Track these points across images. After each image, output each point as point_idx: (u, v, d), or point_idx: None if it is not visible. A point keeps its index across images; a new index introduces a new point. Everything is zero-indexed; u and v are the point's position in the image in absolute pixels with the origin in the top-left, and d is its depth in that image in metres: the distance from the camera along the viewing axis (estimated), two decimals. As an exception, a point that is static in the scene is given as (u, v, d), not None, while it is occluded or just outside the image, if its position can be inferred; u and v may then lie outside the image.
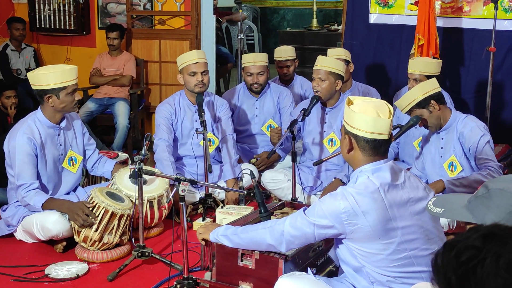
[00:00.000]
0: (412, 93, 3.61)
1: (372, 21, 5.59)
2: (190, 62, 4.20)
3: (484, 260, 1.19)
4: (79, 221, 3.33)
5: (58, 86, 3.47)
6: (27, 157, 3.48)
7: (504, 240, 1.22)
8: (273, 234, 2.46)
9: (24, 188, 3.45)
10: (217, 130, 4.43)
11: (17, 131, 3.52)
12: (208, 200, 4.09)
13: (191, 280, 2.92)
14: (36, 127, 3.55)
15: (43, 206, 3.44)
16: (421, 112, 3.58)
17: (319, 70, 4.12)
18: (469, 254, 1.21)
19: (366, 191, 2.25)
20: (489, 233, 1.25)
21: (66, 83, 3.49)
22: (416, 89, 3.61)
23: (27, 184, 3.46)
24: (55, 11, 6.55)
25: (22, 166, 3.47)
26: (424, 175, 3.91)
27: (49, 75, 3.47)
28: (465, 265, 1.20)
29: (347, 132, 2.37)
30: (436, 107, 3.56)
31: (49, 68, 3.61)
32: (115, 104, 5.83)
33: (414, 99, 3.57)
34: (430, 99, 3.55)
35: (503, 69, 5.07)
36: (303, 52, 7.67)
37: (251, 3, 10.36)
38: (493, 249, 1.20)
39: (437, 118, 3.61)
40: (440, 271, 1.25)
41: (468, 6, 5.16)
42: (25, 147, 3.47)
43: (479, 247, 1.21)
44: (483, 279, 1.18)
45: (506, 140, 5.01)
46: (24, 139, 3.47)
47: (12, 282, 3.17)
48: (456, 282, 1.21)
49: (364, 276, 2.34)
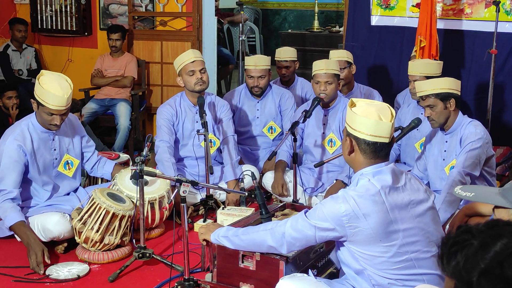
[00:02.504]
0: (438, 81, 3.59)
1: (373, 23, 5.59)
2: (187, 62, 4.21)
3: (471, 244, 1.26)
4: (30, 262, 3.25)
5: (39, 101, 3.43)
6: (13, 164, 3.45)
7: (500, 233, 1.26)
8: (274, 236, 2.46)
9: (2, 194, 3.42)
10: (218, 131, 4.43)
11: (9, 136, 3.51)
12: (209, 201, 4.09)
13: (192, 281, 2.92)
14: (28, 132, 3.53)
15: (11, 227, 3.37)
16: (436, 103, 3.55)
17: (326, 74, 4.12)
18: (463, 237, 1.29)
19: (367, 194, 2.25)
20: (492, 224, 1.29)
21: (47, 104, 3.40)
22: (444, 80, 3.60)
23: (6, 191, 3.42)
24: (57, 12, 6.56)
25: (5, 171, 3.45)
26: (426, 176, 3.91)
27: (42, 88, 3.40)
28: (456, 245, 1.28)
29: (349, 134, 2.37)
30: (452, 106, 3.56)
31: (49, 82, 3.46)
32: (117, 105, 5.83)
33: (439, 88, 3.55)
34: (452, 96, 3.55)
35: (505, 72, 5.06)
36: (304, 54, 7.66)
37: (252, 5, 10.37)
38: (483, 237, 1.26)
39: (446, 117, 3.60)
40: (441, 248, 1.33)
41: (470, 8, 5.16)
42: (13, 154, 3.45)
43: (473, 233, 1.28)
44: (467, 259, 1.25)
45: (507, 142, 5.01)
46: (14, 145, 3.45)
47: (13, 283, 3.17)
48: (446, 260, 1.30)
49: (366, 279, 2.34)
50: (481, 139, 3.52)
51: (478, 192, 1.85)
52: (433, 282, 2.31)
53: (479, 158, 3.51)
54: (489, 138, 3.61)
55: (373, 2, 5.55)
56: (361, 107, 2.36)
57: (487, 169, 3.64)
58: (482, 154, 3.53)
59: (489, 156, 3.62)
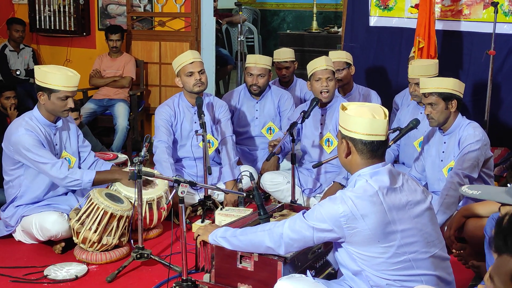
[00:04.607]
0: (443, 81, 3.60)
1: (372, 23, 5.59)
2: (186, 63, 4.21)
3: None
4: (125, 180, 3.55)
5: (51, 87, 3.45)
6: (36, 146, 3.45)
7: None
8: (272, 237, 2.46)
9: (58, 168, 3.46)
10: (216, 131, 4.43)
11: (17, 127, 3.50)
12: (207, 202, 4.09)
13: (189, 281, 2.92)
14: (34, 124, 3.53)
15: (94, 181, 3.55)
16: (438, 102, 3.56)
17: (326, 70, 4.13)
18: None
19: (365, 195, 2.25)
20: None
21: (61, 87, 3.45)
22: (449, 80, 3.61)
23: (58, 163, 3.47)
24: (55, 12, 6.55)
25: (37, 152, 3.45)
26: (424, 177, 3.91)
27: (49, 74, 3.46)
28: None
29: (344, 136, 2.37)
30: (453, 107, 3.57)
31: (53, 68, 3.58)
32: (115, 106, 5.83)
33: (443, 87, 3.56)
34: (454, 98, 3.56)
35: (503, 73, 5.07)
36: (303, 55, 7.67)
37: (251, 5, 10.37)
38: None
39: (446, 117, 3.60)
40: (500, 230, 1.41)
41: (468, 9, 5.17)
42: (30, 139, 3.44)
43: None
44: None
45: (505, 143, 5.01)
46: (27, 132, 3.45)
47: (11, 283, 3.16)
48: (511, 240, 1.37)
49: (364, 280, 2.34)
50: (479, 141, 3.52)
51: (484, 191, 1.90)
52: (431, 283, 2.31)
53: (477, 160, 3.51)
54: (487, 140, 3.61)
55: (371, 3, 5.56)
56: (353, 109, 2.37)
57: (485, 171, 3.64)
58: (481, 156, 3.53)
59: (488, 158, 3.63)
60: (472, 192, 1.91)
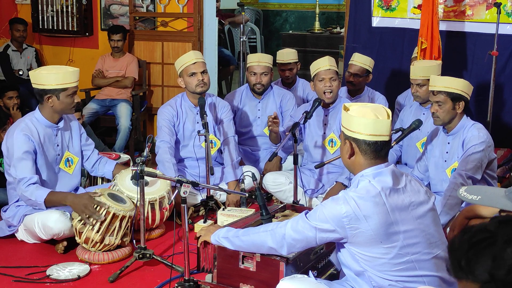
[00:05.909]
0: (453, 81, 3.59)
1: (374, 24, 5.59)
2: (189, 63, 4.21)
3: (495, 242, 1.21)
4: (86, 213, 3.30)
5: (59, 87, 3.47)
6: (25, 154, 3.46)
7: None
8: (274, 237, 2.46)
9: (24, 182, 3.43)
10: (219, 132, 4.43)
11: (15, 129, 3.52)
12: (209, 202, 4.09)
13: (192, 282, 2.92)
14: (34, 126, 3.55)
15: (46, 201, 3.41)
16: (446, 101, 3.55)
17: (330, 70, 4.13)
18: (481, 236, 1.24)
19: (367, 195, 2.24)
20: (506, 219, 1.27)
21: (67, 84, 3.49)
22: (459, 81, 3.60)
23: (26, 178, 3.43)
24: (58, 12, 6.56)
25: (20, 161, 3.46)
26: (426, 177, 3.90)
27: (51, 76, 3.47)
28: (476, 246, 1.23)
29: (347, 137, 2.37)
30: (460, 109, 3.57)
31: (51, 69, 3.61)
32: (117, 106, 5.83)
33: (453, 87, 3.55)
34: (462, 99, 3.56)
35: (505, 73, 5.06)
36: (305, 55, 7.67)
37: (253, 6, 10.37)
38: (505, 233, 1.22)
39: (451, 117, 3.60)
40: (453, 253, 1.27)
41: (471, 10, 5.16)
42: (23, 144, 3.46)
43: (491, 231, 1.23)
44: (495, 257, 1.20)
45: (508, 144, 5.01)
46: (22, 136, 3.47)
47: (13, 283, 3.17)
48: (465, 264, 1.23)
49: (366, 280, 2.33)
50: (484, 142, 3.51)
51: (483, 195, 1.84)
52: (434, 284, 2.31)
53: (481, 161, 3.50)
54: (491, 141, 3.61)
55: (374, 3, 5.56)
56: (356, 110, 2.36)
57: (488, 172, 3.64)
58: (484, 158, 3.53)
59: (491, 159, 3.62)
60: (471, 197, 1.86)
